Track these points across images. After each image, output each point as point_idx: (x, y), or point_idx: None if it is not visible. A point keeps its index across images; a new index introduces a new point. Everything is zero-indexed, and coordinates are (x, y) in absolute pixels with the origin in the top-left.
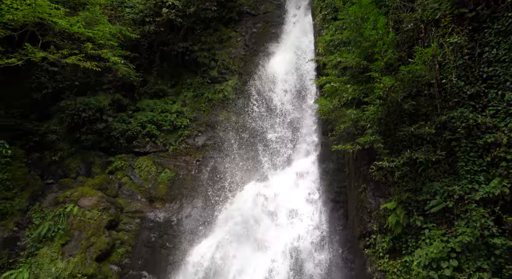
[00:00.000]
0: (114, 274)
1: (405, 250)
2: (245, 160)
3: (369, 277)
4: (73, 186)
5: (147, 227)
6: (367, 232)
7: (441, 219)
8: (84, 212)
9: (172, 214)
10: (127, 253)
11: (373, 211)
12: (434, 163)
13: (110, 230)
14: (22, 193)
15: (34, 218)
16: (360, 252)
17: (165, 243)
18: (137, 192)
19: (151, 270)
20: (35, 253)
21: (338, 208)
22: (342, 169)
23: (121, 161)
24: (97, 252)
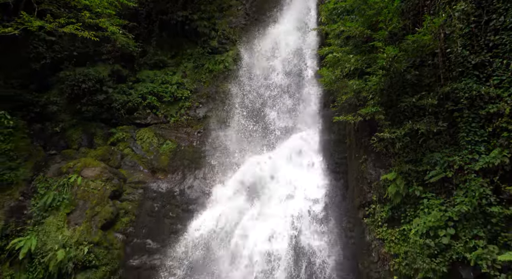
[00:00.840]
0: (119, 242)
1: (403, 219)
2: (246, 131)
3: (368, 245)
4: (75, 156)
5: (150, 197)
6: (366, 202)
7: (440, 189)
8: (87, 182)
9: (174, 185)
10: (131, 222)
11: (373, 182)
12: (435, 134)
13: (114, 200)
14: (26, 163)
15: (38, 187)
16: (359, 221)
17: (168, 212)
18: (139, 163)
19: (155, 238)
20: (42, 222)
21: (338, 178)
22: (343, 140)
23: (123, 133)
24: (102, 221)
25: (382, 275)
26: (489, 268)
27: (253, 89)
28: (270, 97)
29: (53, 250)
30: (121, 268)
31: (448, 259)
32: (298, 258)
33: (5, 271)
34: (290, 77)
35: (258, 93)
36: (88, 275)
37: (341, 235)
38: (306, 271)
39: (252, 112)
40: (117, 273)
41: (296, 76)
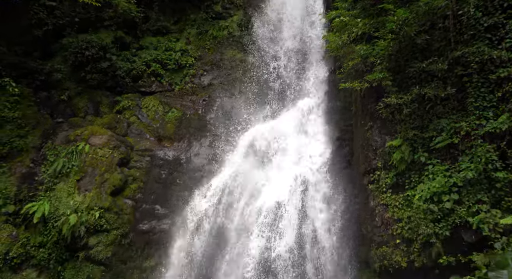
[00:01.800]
0: (128, 208)
1: (407, 185)
2: (252, 99)
3: (372, 210)
4: (82, 125)
5: (157, 165)
6: (371, 169)
7: (446, 155)
8: (95, 150)
9: (180, 153)
10: (139, 188)
11: (378, 149)
12: (443, 99)
13: (122, 167)
14: (34, 131)
15: (48, 155)
16: (364, 188)
17: (175, 179)
18: (145, 131)
19: (163, 204)
20: (53, 188)
21: (344, 145)
22: (349, 107)
23: (128, 101)
24: (111, 187)
25: (385, 239)
26: (490, 231)
27: (259, 56)
28: (276, 64)
29: (66, 214)
30: (131, 232)
31: (451, 223)
32: (303, 221)
33: (21, 234)
34: (296, 43)
35: (263, 60)
36: (100, 239)
37: (345, 201)
38: (310, 235)
39: (257, 80)
40: (128, 236)
41: (302, 42)
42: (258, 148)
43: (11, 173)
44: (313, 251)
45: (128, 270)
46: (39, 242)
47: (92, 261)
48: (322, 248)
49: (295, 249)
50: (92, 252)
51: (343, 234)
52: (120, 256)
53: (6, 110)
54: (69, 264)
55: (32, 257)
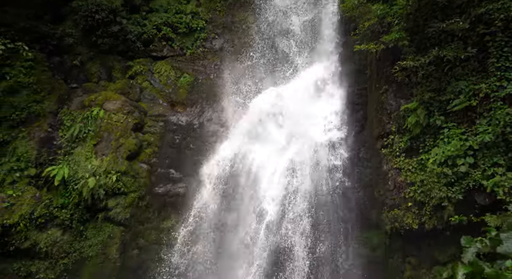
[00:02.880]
0: (144, 171)
1: (422, 149)
2: (264, 63)
3: (384, 174)
4: (96, 90)
5: (171, 130)
6: (385, 133)
7: (463, 118)
8: (110, 115)
9: (193, 118)
10: (154, 153)
11: (392, 112)
12: (463, 60)
13: (136, 132)
14: (50, 97)
15: (64, 120)
16: (377, 152)
17: (189, 144)
18: (158, 96)
19: (177, 168)
20: (71, 152)
21: (357, 110)
22: (364, 71)
23: (140, 66)
24: (126, 152)
25: (397, 202)
26: (505, 195)
27: (271, 17)
28: (289, 26)
29: (84, 178)
30: (148, 195)
31: (464, 186)
32: (317, 185)
33: (44, 195)
34: (308, 4)
35: (276, 22)
36: (118, 201)
37: (358, 164)
38: (322, 199)
39: (270, 42)
40: (145, 199)
41: (315, 3)
42: (271, 111)
43: (30, 138)
44: (327, 211)
45: (146, 230)
46: (61, 204)
47: (112, 222)
48: (335, 209)
49: (306, 212)
50: (111, 214)
51: (356, 196)
52: (138, 217)
53: (21, 76)
54: (90, 224)
55: (55, 217)
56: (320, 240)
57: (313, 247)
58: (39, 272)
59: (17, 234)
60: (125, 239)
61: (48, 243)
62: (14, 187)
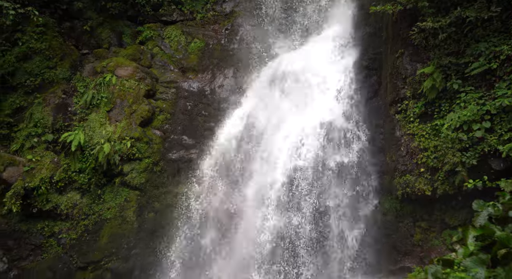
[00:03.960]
0: (157, 138)
1: (437, 114)
2: (276, 27)
3: (397, 140)
4: (107, 56)
5: (183, 96)
6: (399, 98)
7: (481, 82)
8: (122, 82)
9: (205, 84)
10: (166, 119)
11: (408, 77)
12: (484, 21)
13: (149, 98)
14: (62, 63)
15: (78, 86)
16: (390, 118)
17: (201, 111)
18: (169, 62)
19: (190, 135)
20: (86, 118)
21: (371, 75)
22: (379, 34)
23: (150, 31)
24: (139, 118)
25: (409, 168)
26: None
27: None
28: None
29: (100, 143)
30: (162, 160)
31: (479, 151)
32: (327, 147)
33: (62, 160)
34: None
35: None
36: (133, 166)
37: (370, 130)
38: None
39: (283, 5)
40: (159, 164)
41: None
42: (283, 77)
43: (46, 104)
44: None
45: (161, 194)
46: (78, 168)
47: (128, 186)
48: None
49: (316, 178)
50: (127, 178)
51: (368, 161)
52: (153, 182)
53: (33, 42)
54: (108, 188)
55: (74, 181)
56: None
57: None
58: (61, 232)
59: (39, 197)
60: (141, 202)
61: (68, 205)
62: (33, 152)
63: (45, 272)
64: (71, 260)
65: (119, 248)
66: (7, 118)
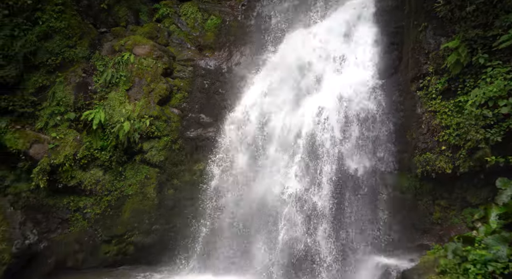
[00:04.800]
0: (175, 116)
1: (460, 91)
2: (293, 2)
3: (418, 117)
4: (125, 34)
5: (200, 75)
6: (421, 74)
7: (509, 56)
8: (140, 60)
9: (221, 62)
10: (184, 98)
11: (431, 52)
12: None
13: (166, 77)
14: (81, 42)
15: (97, 65)
16: (411, 95)
17: (218, 89)
18: (186, 40)
19: (207, 113)
20: (105, 97)
21: (392, 50)
22: (401, 7)
23: (166, 8)
24: (157, 97)
25: (429, 146)
26: None
27: None
28: None
29: (120, 122)
30: (180, 139)
31: (504, 128)
32: (347, 122)
33: (84, 138)
34: None
35: None
36: (152, 144)
37: (390, 108)
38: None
39: None
40: (177, 142)
41: None
42: (300, 53)
43: (67, 83)
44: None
45: (180, 172)
46: (100, 146)
47: (148, 164)
48: (366, 153)
49: (335, 155)
50: (146, 156)
51: (387, 139)
52: (172, 159)
53: (53, 20)
54: (128, 165)
55: (96, 158)
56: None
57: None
58: (86, 207)
59: (64, 173)
60: (160, 179)
61: (91, 181)
62: (57, 130)
63: (73, 244)
64: (96, 234)
65: (141, 223)
66: (31, 97)
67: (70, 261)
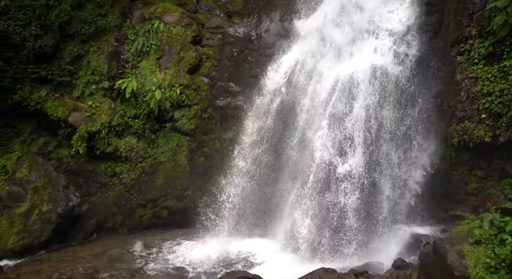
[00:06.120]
0: (205, 85)
1: (506, 55)
2: None
3: (457, 84)
4: (154, 1)
5: (229, 42)
6: (463, 38)
7: None
8: (169, 28)
9: (250, 29)
10: (213, 66)
11: (475, 13)
12: None
13: (196, 45)
14: (113, 10)
15: (128, 34)
16: (451, 60)
17: (247, 57)
18: (214, 7)
19: (236, 81)
20: (137, 66)
21: (432, 12)
22: None
23: None
24: (187, 65)
25: (468, 114)
26: None
27: None
28: None
29: (151, 90)
30: (209, 107)
31: None
32: (381, 87)
33: (118, 106)
34: None
35: None
36: (183, 113)
37: (427, 74)
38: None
39: None
40: (207, 111)
41: None
42: (334, 19)
43: (100, 52)
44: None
45: (210, 140)
46: (133, 114)
47: (179, 132)
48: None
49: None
50: (177, 124)
51: (421, 106)
52: (202, 128)
53: None
54: (160, 133)
55: (130, 126)
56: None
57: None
58: (122, 172)
59: (101, 140)
60: (191, 147)
61: (126, 148)
62: (92, 98)
63: (111, 207)
64: (132, 198)
65: (173, 189)
66: (68, 66)
67: (109, 222)
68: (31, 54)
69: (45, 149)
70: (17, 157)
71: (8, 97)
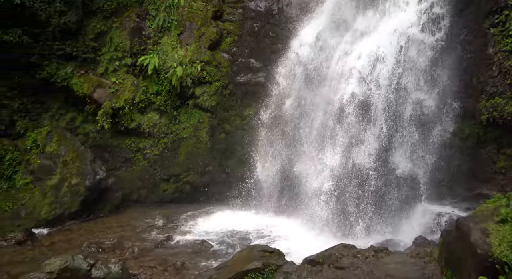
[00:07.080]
0: (225, 61)
1: None
2: None
3: (489, 58)
4: None
5: (250, 17)
6: (498, 8)
7: None
8: (190, 3)
9: (272, 3)
10: (234, 42)
11: None
12: None
13: (216, 20)
14: None
15: (149, 9)
16: (483, 32)
17: (268, 32)
18: None
19: (257, 57)
20: (158, 42)
21: None
22: None
23: None
24: (208, 41)
25: (499, 90)
26: None
27: None
28: None
29: (173, 67)
30: (230, 84)
31: None
32: (409, 61)
33: (141, 83)
34: None
35: None
36: (204, 89)
37: (456, 48)
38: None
39: None
40: (228, 87)
41: None
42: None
43: (123, 28)
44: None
45: (231, 117)
46: (155, 91)
47: (200, 108)
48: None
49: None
50: (199, 101)
51: (450, 83)
52: (223, 105)
53: None
54: (182, 110)
55: (152, 102)
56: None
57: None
58: (145, 148)
59: (124, 116)
60: (212, 124)
61: (149, 124)
62: (116, 75)
63: (136, 181)
64: (156, 172)
65: (195, 165)
66: (92, 42)
67: (134, 196)
68: (57, 31)
69: (72, 124)
70: (47, 131)
71: (36, 74)
